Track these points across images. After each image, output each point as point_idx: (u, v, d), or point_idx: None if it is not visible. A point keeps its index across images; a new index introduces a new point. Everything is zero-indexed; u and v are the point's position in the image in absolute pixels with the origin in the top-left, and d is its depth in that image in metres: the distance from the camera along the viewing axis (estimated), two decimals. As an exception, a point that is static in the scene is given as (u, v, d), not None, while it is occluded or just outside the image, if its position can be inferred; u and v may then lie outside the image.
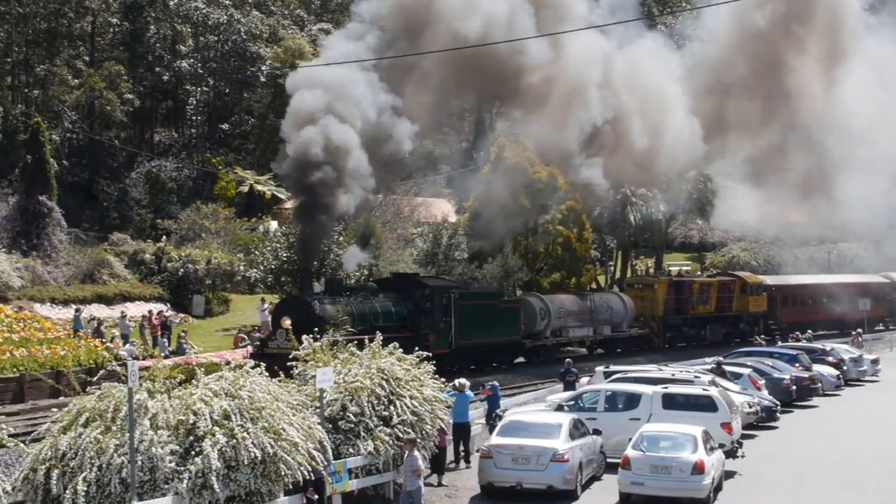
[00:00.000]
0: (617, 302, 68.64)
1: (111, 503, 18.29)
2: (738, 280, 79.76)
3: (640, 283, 76.38)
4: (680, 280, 76.85)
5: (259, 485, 20.00)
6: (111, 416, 19.51)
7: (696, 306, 75.07)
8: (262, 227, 78.94)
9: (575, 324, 64.09)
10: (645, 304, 71.65)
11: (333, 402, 25.11)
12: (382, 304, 48.39)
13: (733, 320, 78.24)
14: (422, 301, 50.29)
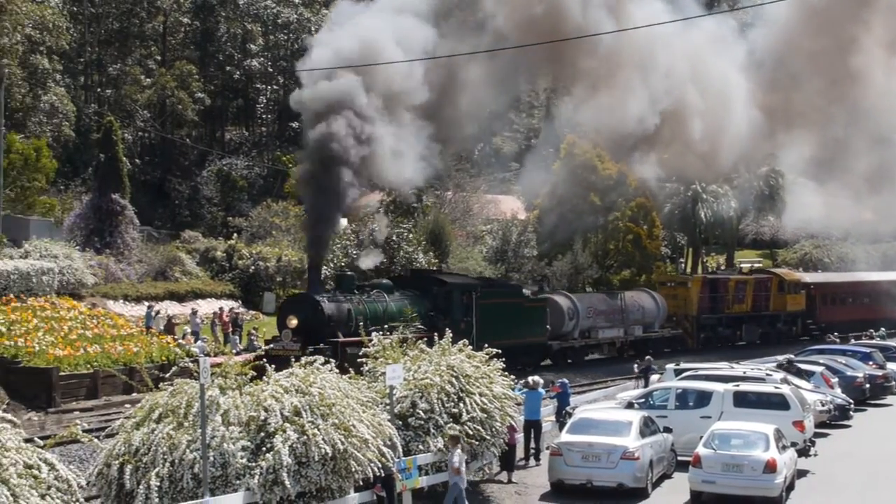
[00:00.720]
0: (649, 301, 65.70)
1: (184, 498, 18.42)
2: (775, 277, 76.59)
3: (672, 281, 72.95)
4: (714, 277, 73.90)
5: (329, 481, 20.06)
6: (183, 412, 19.64)
7: (731, 305, 72.21)
8: (332, 225, 79.07)
9: (605, 324, 61.52)
10: (678, 303, 68.60)
11: (403, 399, 25.15)
12: (398, 303, 45.62)
13: (770, 320, 75.45)
14: (440, 299, 47.91)
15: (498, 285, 56.41)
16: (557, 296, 59.43)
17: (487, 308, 49.63)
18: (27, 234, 59.80)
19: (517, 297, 53.74)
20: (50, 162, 70.70)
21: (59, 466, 15.26)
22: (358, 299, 43.52)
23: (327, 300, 41.73)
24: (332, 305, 41.64)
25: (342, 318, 41.63)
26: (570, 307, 58.16)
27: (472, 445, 26.09)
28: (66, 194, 74.74)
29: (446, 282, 49.09)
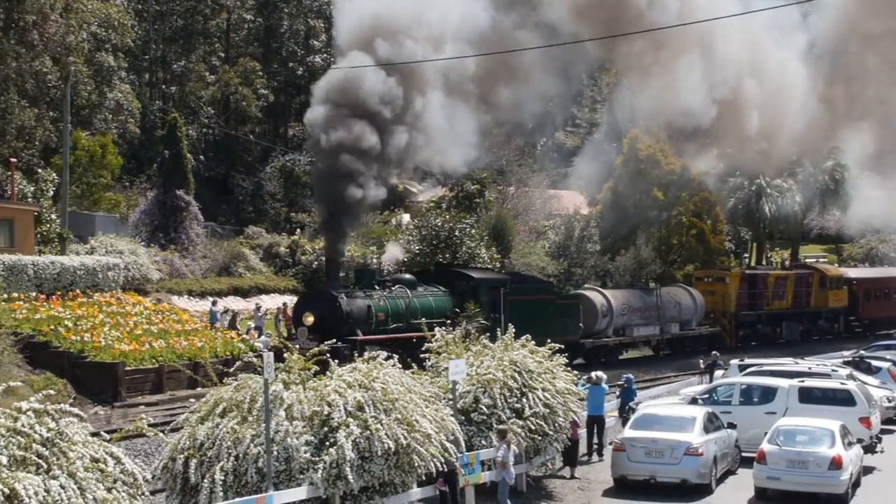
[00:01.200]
0: (685, 297, 63.78)
1: (248, 492, 18.53)
2: (815, 273, 74.61)
3: (709, 276, 69.76)
4: (753, 273, 71.39)
5: (392, 476, 20.11)
6: (247, 406, 19.76)
7: (770, 301, 70.09)
8: (394, 220, 79.29)
9: (640, 321, 59.68)
10: (715, 300, 66.49)
11: (466, 394, 25.17)
12: (421, 299, 43.84)
13: (811, 316, 73.66)
14: (467, 295, 45.70)
15: (528, 281, 54.43)
16: (590, 292, 57.86)
17: (516, 304, 47.61)
18: (93, 230, 60.39)
19: (548, 294, 52.08)
20: (115, 158, 71.34)
21: (125, 460, 15.38)
22: (378, 295, 41.88)
23: (345, 296, 40.14)
24: (350, 302, 40.15)
25: (361, 315, 40.29)
26: (603, 304, 56.55)
27: (535, 441, 26.06)
28: (131, 190, 75.37)
29: (473, 277, 47.22)
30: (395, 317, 41.72)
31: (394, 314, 41.77)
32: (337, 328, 38.10)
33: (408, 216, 79.80)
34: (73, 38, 66.98)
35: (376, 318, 40.59)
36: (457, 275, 47.17)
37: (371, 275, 44.52)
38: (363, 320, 40.12)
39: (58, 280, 47.13)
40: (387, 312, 41.32)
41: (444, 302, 44.71)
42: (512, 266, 64.22)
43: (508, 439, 24.03)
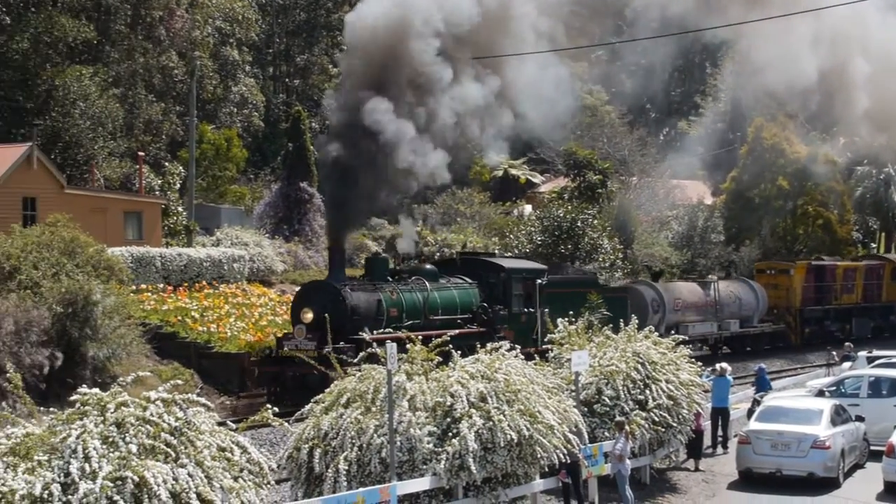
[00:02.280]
0: (746, 291, 58.51)
1: (371, 482, 18.64)
2: (888, 264, 69.15)
3: (772, 269, 63.62)
4: (820, 264, 64.58)
5: (515, 467, 20.11)
6: (371, 397, 19.88)
7: (839, 295, 64.46)
8: (516, 211, 79.22)
9: (695, 318, 54.39)
10: (779, 294, 60.96)
11: (589, 386, 25.09)
12: (442, 292, 39.20)
13: (882, 311, 67.77)
14: (497, 288, 41.20)
15: (568, 272, 49.92)
16: (640, 286, 53.51)
17: (556, 298, 42.53)
18: (218, 223, 61.21)
19: (592, 287, 46.40)
20: (240, 151, 72.28)
21: (251, 449, 15.56)
22: (392, 288, 37.28)
23: (351, 289, 35.81)
24: (357, 295, 35.72)
25: (370, 311, 35.72)
26: (654, 298, 52.02)
27: (658, 433, 25.89)
28: (255, 183, 76.25)
29: (504, 267, 42.24)
30: (411, 312, 37.21)
31: (409, 309, 37.26)
32: (340, 325, 34.00)
33: (529, 207, 79.69)
34: (198, 33, 68.02)
35: (388, 314, 36.14)
36: (485, 265, 42.58)
37: (383, 264, 40.17)
38: (372, 317, 35.58)
39: (184, 272, 47.86)
40: (401, 307, 36.90)
41: (470, 295, 40.37)
42: (634, 257, 63.82)
43: (627, 432, 23.90)
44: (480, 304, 40.08)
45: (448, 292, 39.58)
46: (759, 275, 62.85)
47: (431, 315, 37.71)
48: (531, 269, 43.94)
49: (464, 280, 40.81)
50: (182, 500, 13.74)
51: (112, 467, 13.52)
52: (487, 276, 41.43)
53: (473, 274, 41.35)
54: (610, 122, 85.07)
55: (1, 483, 13.16)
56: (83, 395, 14.84)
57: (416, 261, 44.14)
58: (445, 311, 38.68)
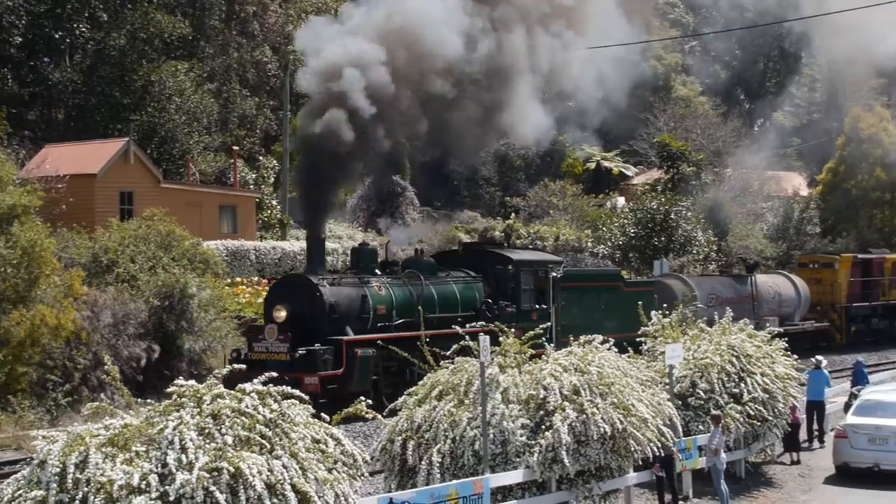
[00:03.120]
0: (787, 287, 54.06)
1: (464, 474, 18.66)
2: None
3: (815, 262, 59.32)
4: (867, 258, 59.57)
5: (608, 460, 20.02)
6: (464, 389, 19.89)
7: (887, 291, 59.53)
8: (609, 203, 78.98)
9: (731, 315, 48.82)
10: (822, 289, 56.38)
11: (683, 379, 24.93)
12: (441, 287, 36.10)
13: None
14: (504, 282, 38.15)
15: (587, 265, 46.43)
16: (670, 279, 49.49)
17: (572, 293, 39.73)
18: (312, 216, 61.55)
19: (613, 280, 42.85)
20: (334, 145, 72.55)
21: (345, 441, 15.63)
22: (380, 283, 34.17)
23: (331, 284, 32.53)
24: (336, 291, 32.42)
25: (352, 309, 32.63)
26: (684, 294, 46.84)
27: (754, 426, 25.67)
28: (349, 176, 76.57)
29: (511, 259, 38.89)
30: (403, 310, 33.98)
31: (401, 306, 34.07)
32: (317, 325, 31.60)
33: (622, 199, 79.35)
34: (291, 28, 68.44)
35: (374, 312, 33.13)
36: (491, 256, 39.21)
37: (370, 256, 36.04)
38: (355, 315, 32.54)
39: (278, 265, 48.30)
40: (390, 304, 33.77)
41: (473, 290, 37.29)
42: (728, 249, 63.27)
43: (723, 425, 23.70)
44: (485, 300, 37.07)
45: (447, 287, 36.44)
46: (801, 269, 58.80)
47: (427, 312, 33.31)
48: (544, 261, 40.62)
49: (467, 274, 37.79)
50: (277, 492, 13.83)
51: (208, 458, 13.65)
52: (494, 269, 38.34)
53: (478, 267, 38.28)
54: (704, 114, 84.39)
55: (100, 473, 13.34)
56: (179, 387, 15.00)
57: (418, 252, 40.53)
58: (444, 307, 35.54)
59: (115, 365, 15.83)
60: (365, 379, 31.96)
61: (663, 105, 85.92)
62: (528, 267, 39.03)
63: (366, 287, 33.46)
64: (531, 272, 38.91)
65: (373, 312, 33.16)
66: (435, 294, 35.61)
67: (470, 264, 38.35)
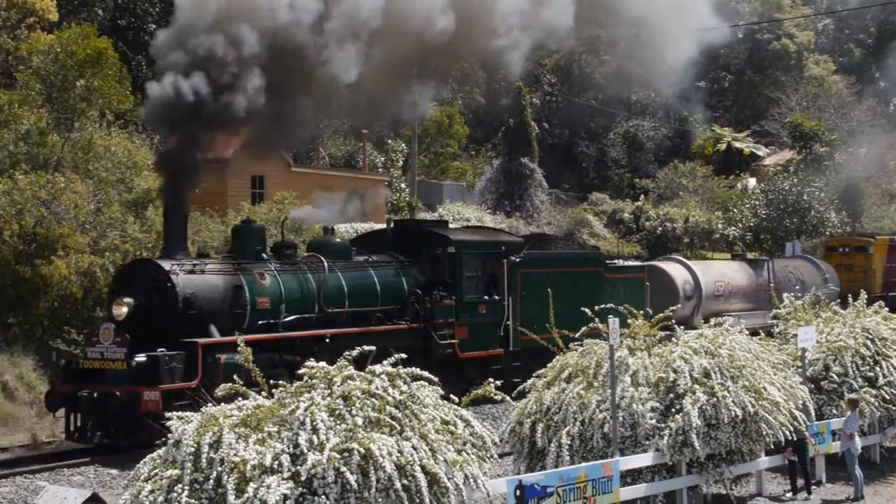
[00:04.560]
0: (811, 273, 46.86)
1: (594, 457, 18.62)
2: None
3: (846, 245, 53.33)
4: None
5: (739, 443, 19.83)
6: (593, 372, 19.84)
7: None
8: (739, 185, 78.09)
9: (743, 305, 43.67)
10: (854, 277, 49.27)
11: (816, 362, 24.59)
12: (353, 275, 29.40)
13: None
14: (443, 268, 31.35)
15: (559, 246, 38.97)
16: (668, 263, 42.88)
17: (535, 282, 32.51)
18: (440, 198, 61.92)
19: (591, 265, 36.04)
20: (462, 128, 72.84)
21: (475, 423, 15.69)
22: (264, 270, 27.35)
23: (189, 271, 25.69)
24: (196, 280, 25.60)
25: (220, 303, 26.00)
26: (686, 281, 41.45)
27: (889, 410, 25.22)
28: (476, 159, 76.80)
29: (450, 239, 31.85)
30: (296, 303, 27.64)
31: (293, 300, 27.60)
32: (168, 324, 25.17)
33: (753, 180, 78.43)
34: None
35: (253, 307, 26.54)
36: (426, 236, 32.24)
37: (255, 236, 28.54)
38: (223, 310, 25.98)
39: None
40: (277, 296, 27.20)
41: (401, 278, 30.65)
42: (863, 231, 62.12)
43: (860, 409, 23.31)
44: (414, 291, 30.40)
45: (362, 275, 29.77)
46: (830, 253, 53.00)
47: (332, 307, 28.27)
48: (496, 242, 33.41)
49: (394, 258, 31.05)
50: (406, 473, 13.94)
51: (339, 439, 13.79)
52: (429, 251, 31.51)
53: (410, 250, 31.45)
54: (837, 93, 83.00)
55: (233, 453, 13.57)
56: (311, 369, 15.19)
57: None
58: (358, 300, 29.15)
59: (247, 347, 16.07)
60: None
61: (795, 84, 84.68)
62: (474, 249, 32.16)
63: (242, 275, 26.59)
64: (478, 256, 32.21)
65: (250, 307, 26.41)
66: (344, 283, 28.86)
67: (402, 247, 31.49)
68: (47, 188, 34.59)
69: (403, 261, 31.06)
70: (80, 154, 38.68)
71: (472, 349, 31.55)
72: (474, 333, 31.51)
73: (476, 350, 31.68)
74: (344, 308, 28.73)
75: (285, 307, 27.26)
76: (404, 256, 31.20)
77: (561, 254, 36.59)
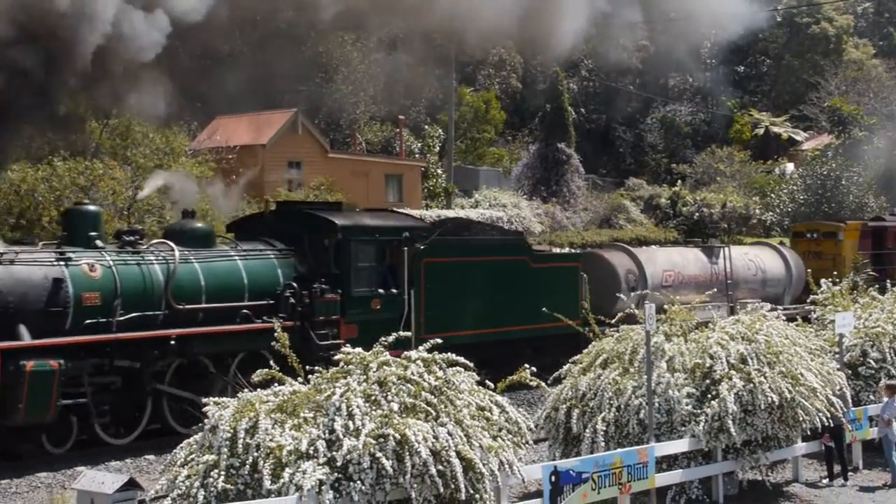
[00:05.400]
0: (772, 261, 42.92)
1: (629, 443, 18.60)
2: None
3: (813, 231, 48.32)
4: (880, 226, 48.91)
5: (776, 430, 19.76)
6: (629, 358, 19.81)
7: None
8: (777, 170, 77.79)
9: (695, 297, 33.65)
10: (822, 265, 42.18)
11: (853, 348, 24.46)
12: (212, 265, 25.32)
13: None
14: (325, 257, 27.13)
15: (475, 231, 32.98)
16: (609, 251, 38.65)
17: (444, 273, 28.93)
18: (477, 184, 62.00)
19: (513, 254, 31.40)
20: (499, 114, 72.86)
21: (510, 409, 15.71)
22: (95, 260, 23.28)
23: None
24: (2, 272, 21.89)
25: (33, 298, 22.14)
26: (630, 270, 36.88)
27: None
28: (513, 144, 76.76)
29: (336, 224, 27.21)
30: (135, 299, 23.57)
31: (132, 295, 23.51)
32: None
33: (791, 165, 78.06)
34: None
35: (77, 303, 22.67)
36: (312, 221, 27.82)
37: (90, 220, 24.36)
38: (38, 309, 22.15)
39: (444, 233, 48.60)
40: (110, 291, 23.13)
41: (275, 269, 26.47)
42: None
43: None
44: (288, 283, 26.31)
45: (225, 265, 25.65)
46: (797, 240, 48.53)
47: (184, 303, 24.32)
48: (395, 227, 28.74)
49: (270, 246, 26.97)
50: (442, 459, 13.98)
51: (374, 425, 13.85)
52: (312, 238, 27.35)
53: (293, 236, 27.37)
54: (877, 77, 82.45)
55: (269, 438, 13.64)
56: (347, 355, 15.24)
57: None
58: (218, 295, 25.10)
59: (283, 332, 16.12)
60: (41, 405, 21.41)
61: (834, 68, 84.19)
62: (366, 235, 27.78)
63: (65, 266, 22.75)
64: (372, 243, 27.86)
65: (73, 303, 22.58)
66: (201, 275, 24.89)
67: (284, 232, 27.36)
68: (86, 174, 34.82)
69: (282, 249, 26.87)
70: (118, 140, 38.93)
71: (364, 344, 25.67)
72: (366, 332, 24.83)
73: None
74: (200, 304, 24.58)
75: (121, 304, 23.20)
76: (286, 244, 27.06)
77: (475, 240, 31.50)
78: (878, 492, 21.33)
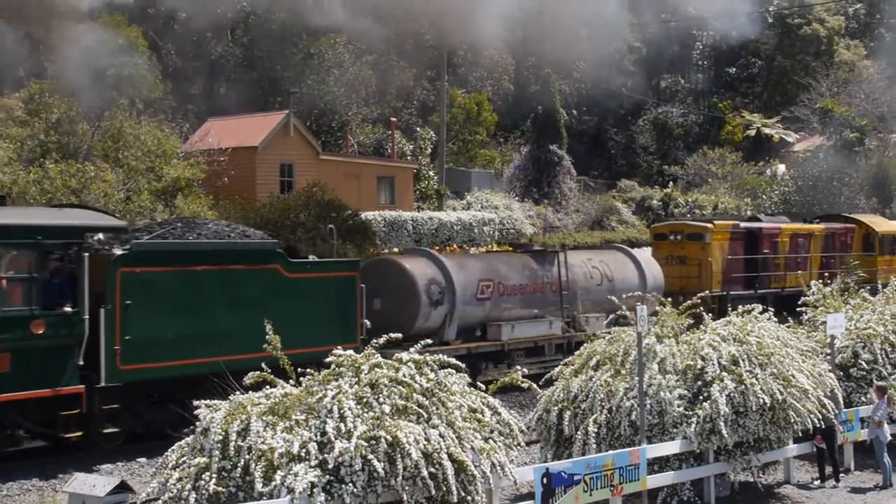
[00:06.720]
0: (624, 268, 37.07)
1: (621, 445, 18.62)
2: (858, 228, 48.80)
3: (676, 232, 42.85)
4: (753, 227, 43.79)
5: (767, 431, 19.79)
6: (620, 359, 19.83)
7: (783, 274, 43.53)
8: (769, 171, 77.84)
9: (521, 312, 33.18)
10: (687, 272, 40.52)
11: (844, 349, 24.49)
12: None
13: None
14: None
15: (207, 232, 26.02)
16: (408, 259, 32.01)
17: (155, 286, 23.45)
18: (469, 186, 61.98)
19: (261, 262, 25.80)
20: (490, 115, 72.84)
21: (502, 411, 15.74)
22: None
23: None
24: None
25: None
26: (432, 281, 30.72)
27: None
28: (505, 146, 76.78)
29: None
30: None
31: None
32: None
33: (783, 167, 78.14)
34: (448, -1, 68.56)
35: None
36: None
37: None
38: None
39: (435, 235, 48.64)
40: None
41: None
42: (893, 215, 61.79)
43: (889, 396, 23.21)
44: None
45: None
46: (659, 242, 43.19)
47: None
48: (67, 227, 22.76)
49: None
50: (434, 460, 14.00)
51: (366, 427, 13.86)
52: None
53: None
54: (868, 78, 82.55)
55: (261, 441, 13.65)
56: (338, 357, 15.25)
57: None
58: None
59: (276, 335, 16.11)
60: None
61: (826, 70, 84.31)
62: (20, 237, 21.96)
63: None
64: (27, 248, 21.99)
65: None
66: None
67: None
68: (77, 177, 34.78)
69: None
70: (109, 143, 38.91)
71: (14, 388, 21.31)
72: (24, 363, 21.43)
73: (24, 389, 21.48)
74: None
75: None
76: None
77: (203, 245, 25.08)
78: (870, 493, 21.38)
